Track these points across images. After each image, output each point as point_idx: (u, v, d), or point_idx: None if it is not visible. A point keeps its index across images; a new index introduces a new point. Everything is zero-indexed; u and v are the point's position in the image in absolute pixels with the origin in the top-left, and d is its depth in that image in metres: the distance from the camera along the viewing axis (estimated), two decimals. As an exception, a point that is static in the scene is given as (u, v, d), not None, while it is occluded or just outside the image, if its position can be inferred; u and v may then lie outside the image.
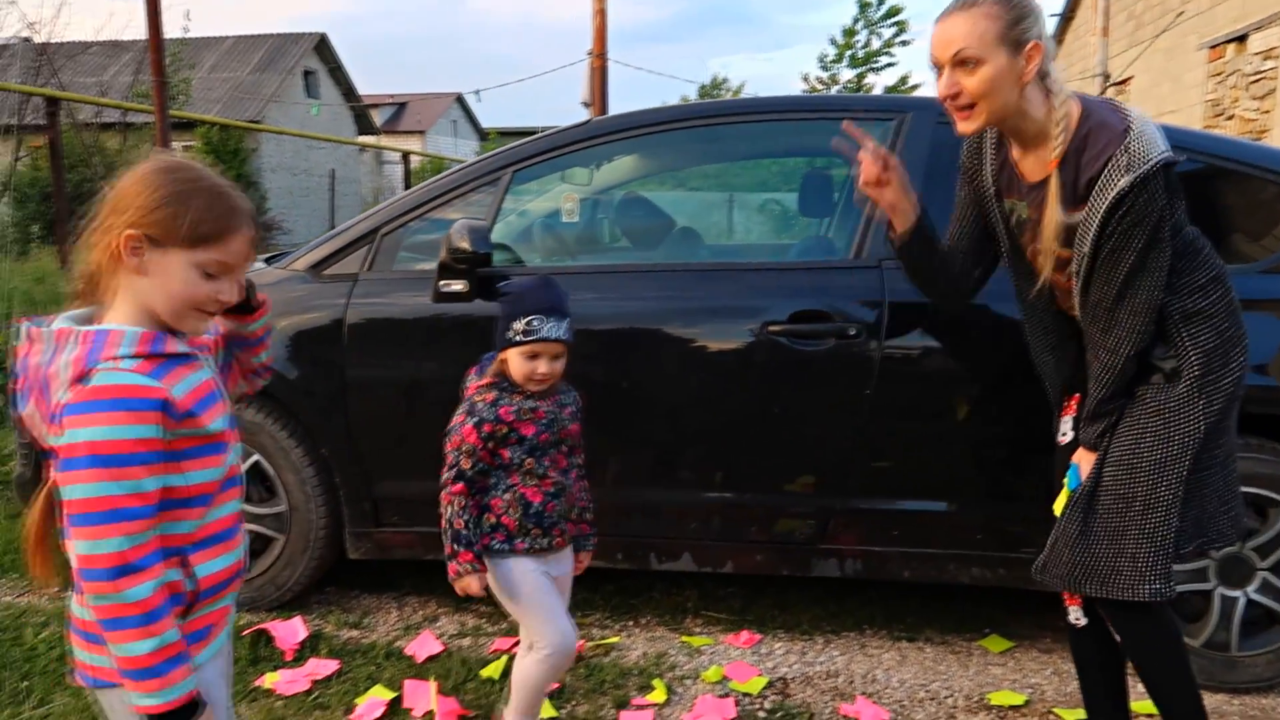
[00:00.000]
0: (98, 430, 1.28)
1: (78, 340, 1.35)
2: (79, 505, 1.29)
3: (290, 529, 3.14)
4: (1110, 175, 1.91)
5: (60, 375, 1.33)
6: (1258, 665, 2.75)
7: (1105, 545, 2.08)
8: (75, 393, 1.30)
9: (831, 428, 2.87)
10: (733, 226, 11.59)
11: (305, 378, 3.07)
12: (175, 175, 1.39)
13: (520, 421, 2.19)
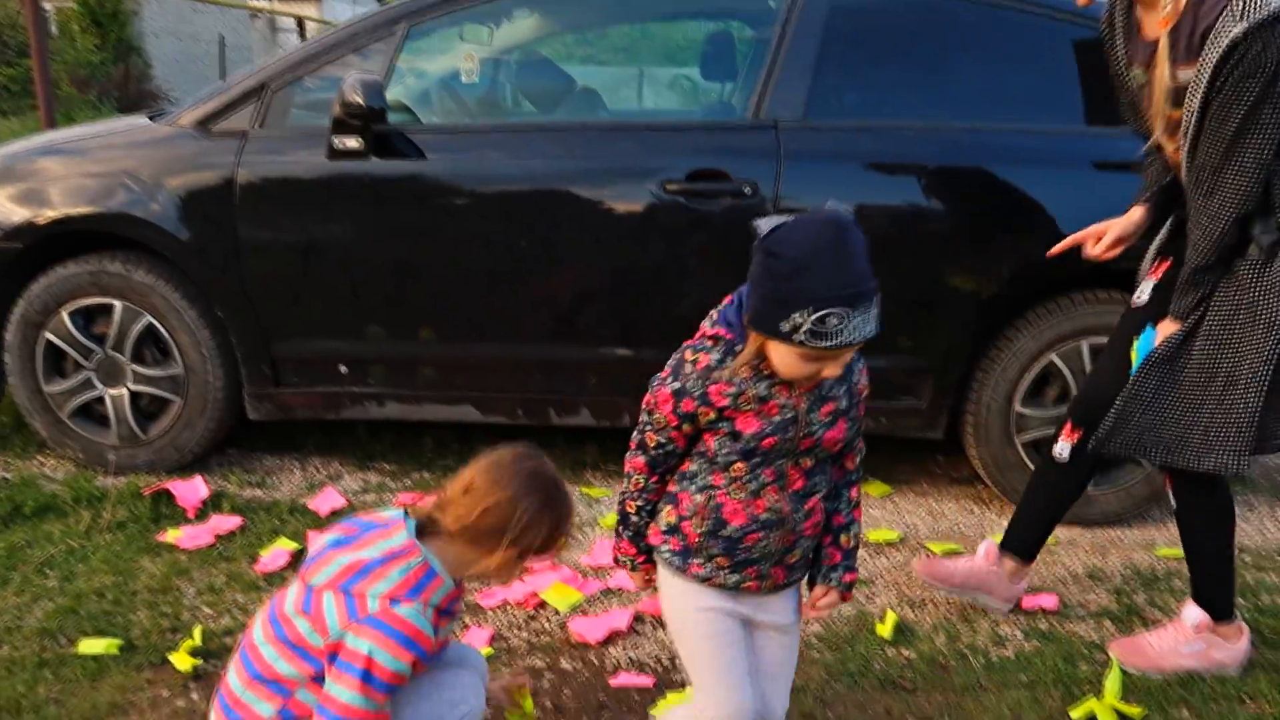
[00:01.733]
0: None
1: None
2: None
3: (187, 391, 3.12)
4: (1224, 24, 1.89)
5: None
6: (1109, 502, 3.00)
7: (1179, 414, 2.12)
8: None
9: (728, 283, 2.94)
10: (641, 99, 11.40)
11: (196, 238, 3.01)
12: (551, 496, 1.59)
13: (739, 411, 1.49)
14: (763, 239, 1.43)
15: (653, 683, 2.23)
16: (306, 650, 1.55)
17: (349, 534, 1.61)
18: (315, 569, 1.59)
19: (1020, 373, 2.94)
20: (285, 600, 1.61)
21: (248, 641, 1.63)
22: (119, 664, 2.24)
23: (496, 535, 1.55)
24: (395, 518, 1.62)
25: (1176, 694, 2.20)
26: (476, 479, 1.57)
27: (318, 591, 1.55)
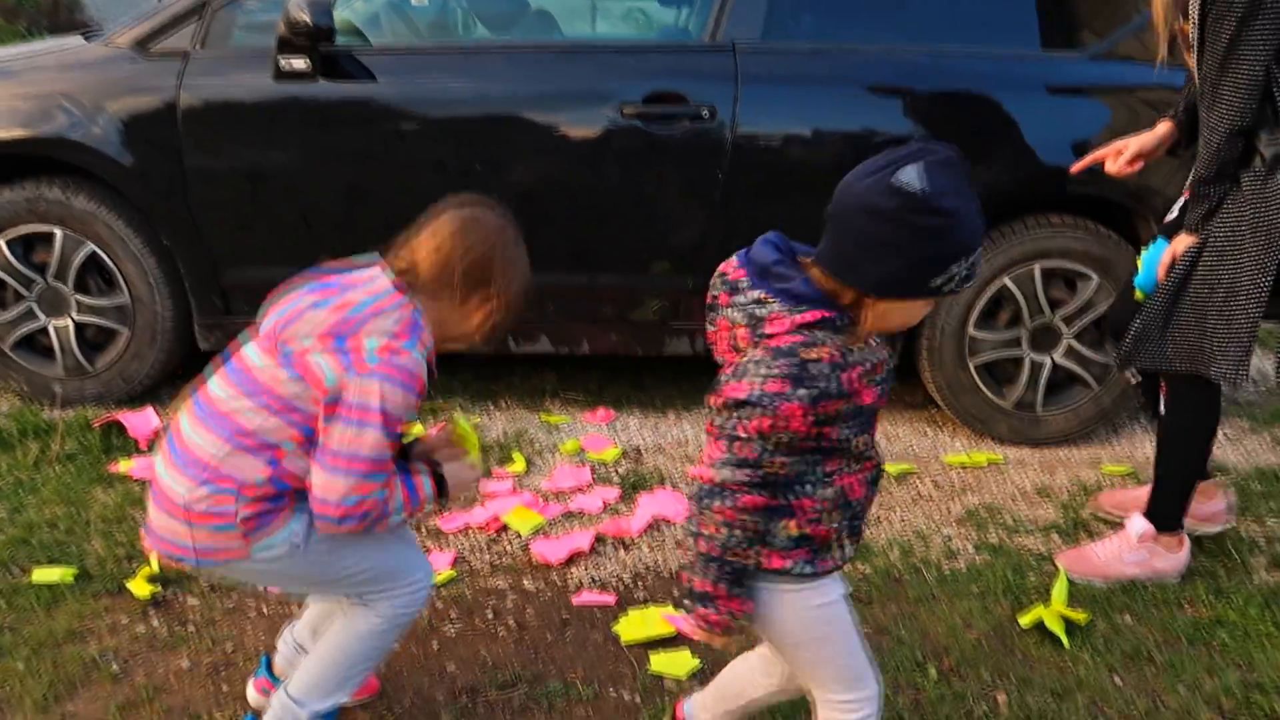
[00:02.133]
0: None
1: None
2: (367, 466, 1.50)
3: (135, 321, 3.05)
4: None
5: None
6: (1057, 422, 3.07)
7: (1189, 324, 2.16)
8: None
9: (685, 209, 2.94)
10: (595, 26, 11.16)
11: (139, 163, 2.91)
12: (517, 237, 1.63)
13: (864, 386, 1.32)
14: (922, 197, 1.22)
15: (614, 600, 2.26)
16: (294, 410, 1.51)
17: (327, 295, 1.54)
18: (294, 330, 1.52)
19: (974, 297, 2.98)
20: (250, 359, 1.55)
21: (204, 407, 1.55)
22: (75, 592, 2.22)
23: (479, 284, 1.54)
24: (373, 271, 1.57)
25: (1120, 601, 2.28)
26: (444, 230, 1.55)
27: (301, 354, 1.50)
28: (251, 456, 1.52)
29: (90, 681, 1.96)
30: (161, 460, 1.59)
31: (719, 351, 1.39)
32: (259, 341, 1.57)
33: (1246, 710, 1.94)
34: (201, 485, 1.51)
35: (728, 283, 1.36)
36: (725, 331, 1.36)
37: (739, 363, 1.31)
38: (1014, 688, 1.99)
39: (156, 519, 1.58)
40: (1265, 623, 2.20)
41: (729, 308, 1.34)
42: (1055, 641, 2.13)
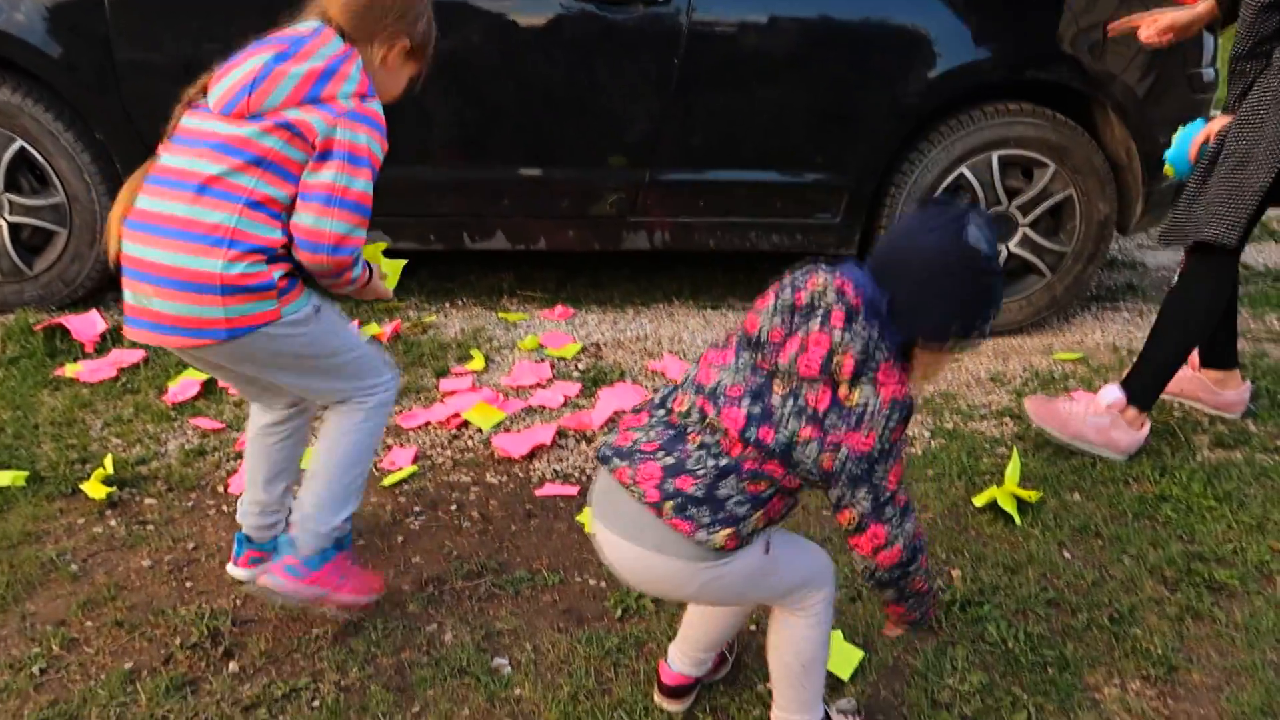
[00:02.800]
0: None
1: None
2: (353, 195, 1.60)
3: (72, 221, 2.93)
4: None
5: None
6: (1011, 311, 3.10)
7: (1213, 193, 2.22)
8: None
9: (641, 99, 2.87)
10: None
11: (67, 53, 2.76)
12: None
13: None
14: (988, 256, 1.29)
15: (577, 491, 2.28)
16: (292, 171, 1.58)
17: (284, 50, 1.59)
18: (264, 91, 1.56)
19: (932, 186, 2.97)
20: (216, 129, 1.57)
21: (179, 180, 1.56)
22: (27, 495, 2.18)
23: (384, 22, 1.65)
24: (319, 27, 1.64)
25: (1070, 480, 2.35)
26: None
27: (278, 112, 1.56)
28: (264, 218, 1.57)
29: (49, 581, 1.94)
30: (144, 244, 1.57)
31: (789, 356, 1.28)
32: (219, 112, 1.58)
33: (1188, 578, 2.02)
34: (233, 253, 1.54)
35: (848, 304, 1.27)
36: (822, 349, 1.26)
37: (851, 403, 1.27)
38: (968, 564, 2.05)
39: (170, 304, 1.56)
40: (1207, 497, 2.28)
41: (845, 330, 1.26)
42: (1008, 520, 2.19)
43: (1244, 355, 3.00)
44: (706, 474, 1.30)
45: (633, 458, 1.34)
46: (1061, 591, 1.98)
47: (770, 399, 1.29)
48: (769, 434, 1.28)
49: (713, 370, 1.34)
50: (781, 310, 1.30)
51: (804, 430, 1.27)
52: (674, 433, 1.34)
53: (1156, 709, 1.70)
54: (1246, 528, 2.19)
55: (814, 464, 1.28)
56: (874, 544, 1.32)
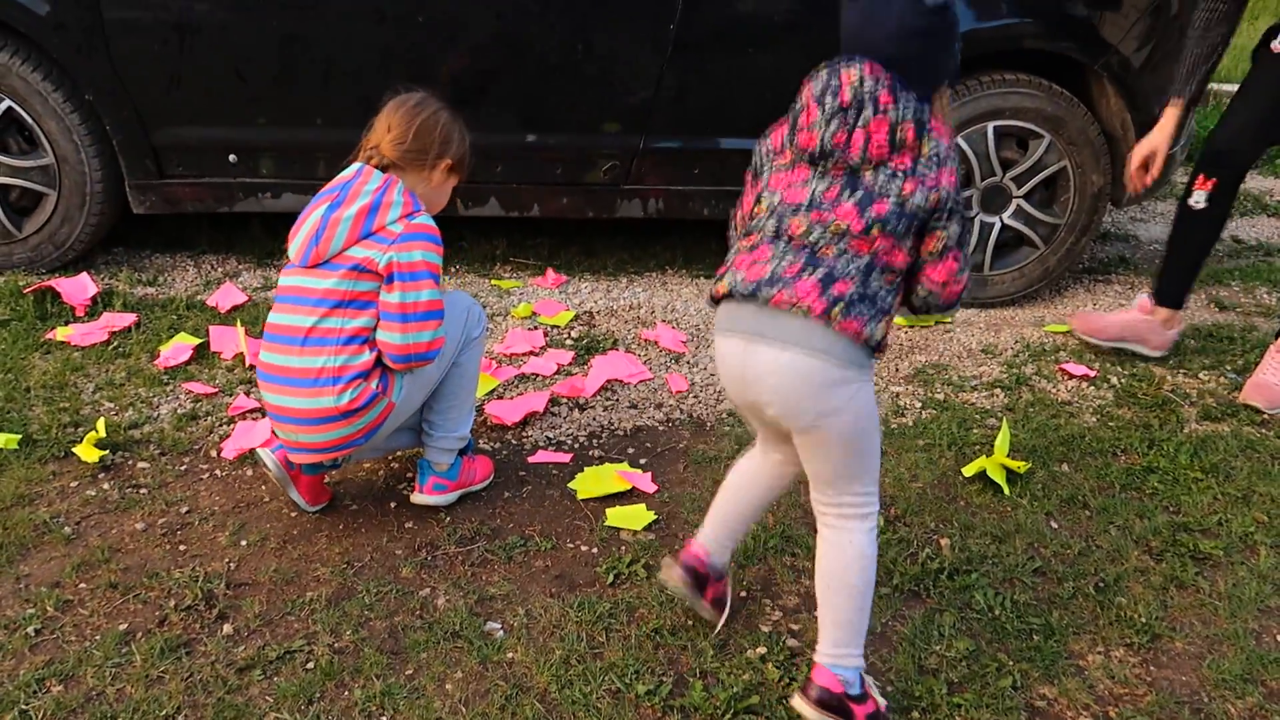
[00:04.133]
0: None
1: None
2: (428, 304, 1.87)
3: (61, 183, 2.91)
4: None
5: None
6: (1005, 282, 3.11)
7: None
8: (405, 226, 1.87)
9: (636, 66, 2.85)
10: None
11: (55, 11, 2.72)
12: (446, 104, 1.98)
13: None
14: (943, 6, 1.48)
15: (570, 459, 2.29)
16: (367, 299, 1.85)
17: (334, 199, 1.86)
18: (327, 239, 1.83)
19: (927, 156, 2.96)
20: (304, 284, 1.86)
21: (286, 335, 1.86)
22: (19, 458, 2.18)
23: (430, 152, 1.91)
24: (357, 167, 1.90)
25: (1058, 451, 2.37)
26: (393, 119, 1.90)
27: (343, 255, 1.84)
28: (356, 348, 1.86)
29: (43, 544, 1.94)
30: (274, 393, 1.90)
31: (859, 148, 1.44)
32: (299, 269, 1.88)
33: (1173, 548, 2.04)
34: (339, 386, 1.84)
35: (881, 82, 1.43)
36: (884, 129, 1.43)
37: (930, 155, 1.45)
38: (956, 533, 2.07)
39: (313, 435, 1.89)
40: (1194, 469, 2.30)
41: (895, 107, 1.43)
42: (996, 490, 2.21)
43: (1233, 328, 3.02)
44: (856, 274, 1.44)
45: (783, 282, 1.45)
46: (1048, 561, 2.00)
47: (864, 183, 1.45)
48: (882, 207, 1.44)
49: (799, 190, 1.48)
50: (832, 115, 1.44)
51: (905, 187, 1.44)
52: (808, 251, 1.46)
53: (1139, 676, 1.73)
54: (1232, 499, 2.21)
55: (923, 205, 1.45)
56: (948, 273, 1.50)
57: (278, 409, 1.91)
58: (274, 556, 1.94)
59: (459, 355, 2.05)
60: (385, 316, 1.86)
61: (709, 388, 2.61)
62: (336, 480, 2.16)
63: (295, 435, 1.92)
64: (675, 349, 2.78)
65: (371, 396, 1.88)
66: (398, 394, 1.93)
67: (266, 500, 2.09)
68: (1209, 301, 3.25)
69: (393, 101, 1.94)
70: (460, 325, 2.03)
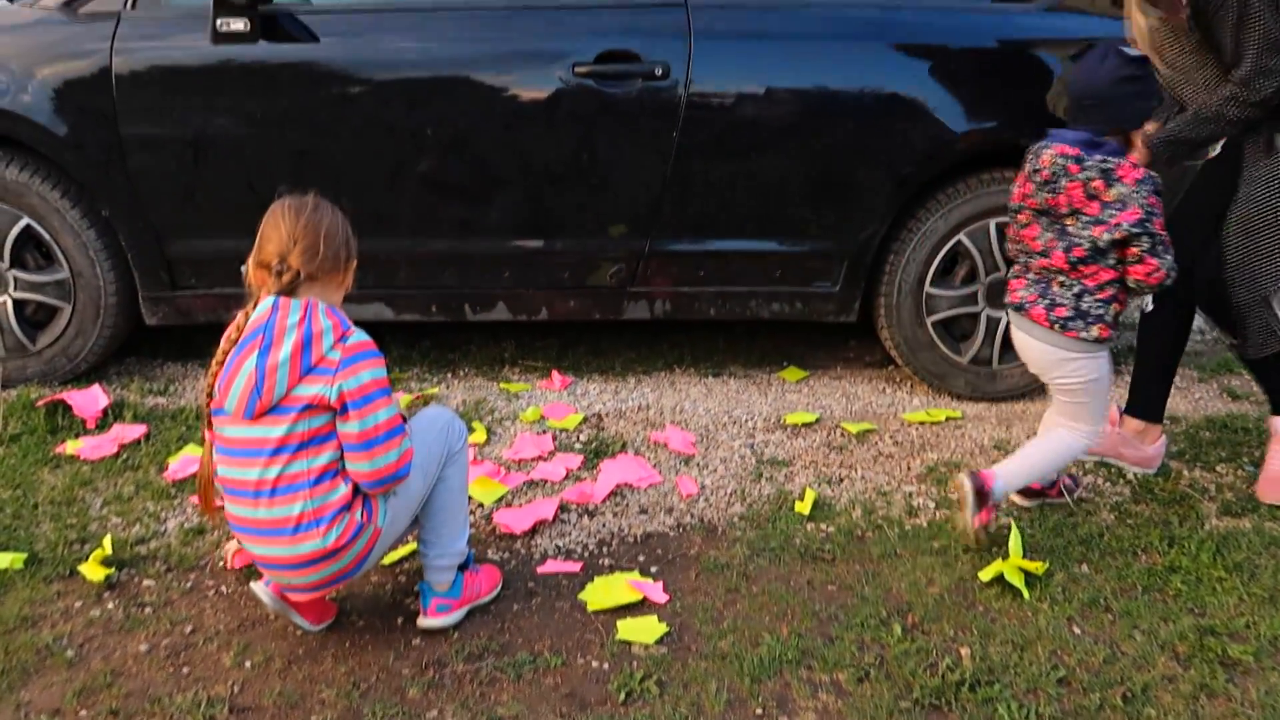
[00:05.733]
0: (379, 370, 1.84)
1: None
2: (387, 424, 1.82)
3: (76, 296, 2.95)
4: None
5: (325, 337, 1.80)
6: (1013, 377, 3.10)
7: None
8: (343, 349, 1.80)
9: (640, 171, 2.90)
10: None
11: (73, 132, 2.81)
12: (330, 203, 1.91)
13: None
14: (1134, 58, 2.12)
15: (580, 568, 2.25)
16: (325, 433, 1.81)
17: (260, 343, 1.78)
18: (269, 389, 1.76)
19: (930, 254, 2.99)
20: (251, 434, 1.79)
21: (247, 489, 1.80)
22: (25, 578, 2.16)
23: (341, 256, 1.86)
24: (270, 303, 1.81)
25: (1077, 551, 2.32)
26: (295, 228, 1.81)
27: (289, 398, 1.78)
28: (328, 484, 1.82)
29: (45, 668, 1.91)
30: (255, 544, 1.85)
31: (1065, 205, 2.12)
32: (243, 417, 1.79)
33: (1200, 654, 1.99)
34: (322, 528, 1.80)
35: (1069, 157, 2.09)
36: (1079, 189, 2.09)
37: (1112, 200, 2.08)
38: (976, 641, 2.02)
39: (305, 577, 1.85)
40: (1217, 568, 2.25)
41: (1082, 171, 2.08)
42: (1015, 594, 2.16)
43: (1248, 419, 2.99)
44: (1070, 299, 2.18)
45: (1029, 304, 2.24)
46: (1073, 669, 1.94)
47: (1069, 232, 2.14)
48: (1080, 251, 2.12)
49: (1036, 241, 2.20)
50: (1042, 187, 2.15)
51: (1094, 232, 2.09)
52: (1043, 283, 2.22)
53: (1173, 795, 1.67)
54: (1259, 600, 2.15)
55: (1113, 239, 2.08)
56: (1147, 270, 2.11)
57: (262, 558, 1.87)
58: (279, 678, 1.90)
59: (443, 470, 2.00)
60: (348, 448, 1.81)
61: (719, 490, 2.59)
62: (342, 594, 2.13)
63: (286, 579, 1.89)
64: (685, 451, 2.76)
65: (358, 529, 1.84)
66: (383, 518, 1.89)
67: (272, 618, 2.06)
68: (1221, 391, 3.23)
69: (285, 211, 1.84)
70: (442, 441, 1.99)
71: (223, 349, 1.83)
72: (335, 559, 1.84)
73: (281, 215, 1.83)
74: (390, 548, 2.05)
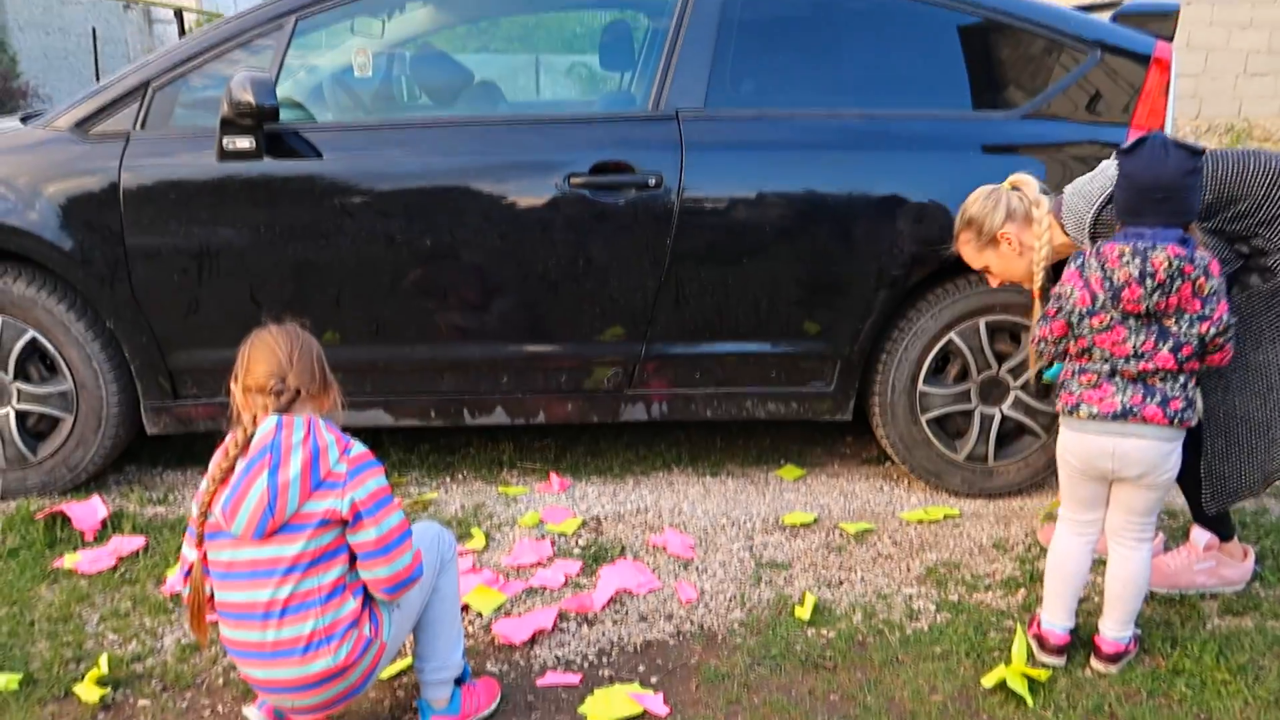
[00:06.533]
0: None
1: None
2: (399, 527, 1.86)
3: (79, 407, 2.98)
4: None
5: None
6: (1009, 473, 3.11)
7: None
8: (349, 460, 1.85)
9: (636, 277, 2.96)
10: (539, 90, 11.28)
11: (81, 247, 2.87)
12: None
13: None
14: (1192, 150, 2.07)
15: (579, 680, 2.23)
16: (334, 549, 1.82)
17: (269, 462, 1.80)
18: (282, 507, 1.78)
19: (922, 353, 3.03)
20: (261, 553, 1.80)
21: (254, 612, 1.80)
22: (19, 700, 2.14)
23: (329, 379, 1.93)
24: (274, 422, 1.84)
25: (1079, 655, 2.30)
26: (290, 351, 1.87)
27: (300, 515, 1.80)
28: (339, 599, 1.83)
29: (37, 797, 1.88)
30: (260, 668, 1.84)
31: (1175, 305, 2.06)
32: (252, 538, 1.80)
33: (1208, 763, 1.96)
34: (333, 645, 1.81)
35: (1181, 258, 2.02)
36: (1190, 287, 2.04)
37: (1208, 295, 2.06)
38: (982, 752, 2.00)
39: (313, 698, 1.85)
40: (1221, 670, 2.23)
41: (1194, 270, 2.03)
42: (1019, 701, 2.14)
43: (1244, 512, 2.99)
44: (1179, 392, 2.12)
45: (1138, 407, 2.11)
46: (1080, 781, 1.92)
47: (1172, 333, 2.08)
48: (1188, 349, 2.08)
49: (1121, 345, 2.10)
50: (1154, 291, 2.03)
51: (1201, 328, 2.07)
52: (1140, 383, 2.12)
53: None
54: (1264, 703, 2.14)
55: (1209, 338, 2.08)
56: (1223, 358, 2.13)
57: (265, 682, 1.86)
58: (274, 804, 1.87)
59: (437, 580, 2.03)
60: (365, 556, 1.83)
61: (719, 595, 2.58)
62: (339, 716, 2.11)
63: (291, 702, 1.88)
64: (684, 555, 2.76)
65: (366, 644, 1.86)
66: (388, 632, 1.91)
67: (268, 739, 2.03)
68: (1218, 483, 3.24)
69: (274, 336, 1.90)
70: (435, 551, 2.02)
71: (221, 467, 1.83)
72: (344, 676, 1.85)
73: (273, 340, 1.89)
74: (390, 661, 2.04)
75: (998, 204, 2.46)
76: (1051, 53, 3.10)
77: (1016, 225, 2.45)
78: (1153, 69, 3.09)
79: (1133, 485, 2.19)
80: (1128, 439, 2.14)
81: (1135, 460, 2.15)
